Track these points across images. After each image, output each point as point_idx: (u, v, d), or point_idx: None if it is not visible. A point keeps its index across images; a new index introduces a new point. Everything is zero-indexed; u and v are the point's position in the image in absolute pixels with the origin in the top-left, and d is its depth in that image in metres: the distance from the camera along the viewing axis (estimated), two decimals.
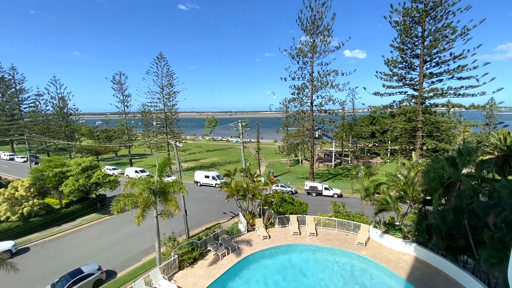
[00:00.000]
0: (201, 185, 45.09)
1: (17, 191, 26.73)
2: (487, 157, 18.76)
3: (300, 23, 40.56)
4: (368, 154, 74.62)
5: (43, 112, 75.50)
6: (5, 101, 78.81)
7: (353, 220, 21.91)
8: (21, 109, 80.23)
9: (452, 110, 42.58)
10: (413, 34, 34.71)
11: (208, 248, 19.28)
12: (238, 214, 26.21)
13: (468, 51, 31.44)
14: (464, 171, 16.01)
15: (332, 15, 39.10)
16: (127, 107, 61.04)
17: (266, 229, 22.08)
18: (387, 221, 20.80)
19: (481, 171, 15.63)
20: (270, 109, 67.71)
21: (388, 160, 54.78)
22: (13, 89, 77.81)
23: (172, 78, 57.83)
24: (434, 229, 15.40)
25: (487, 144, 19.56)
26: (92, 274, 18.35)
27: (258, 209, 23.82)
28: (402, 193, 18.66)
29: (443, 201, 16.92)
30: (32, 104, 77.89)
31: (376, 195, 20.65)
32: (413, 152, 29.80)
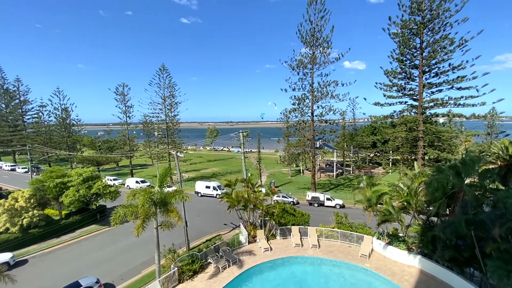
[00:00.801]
0: (201, 196, 44.79)
1: (17, 202, 26.61)
2: (490, 166, 18.60)
3: (300, 35, 41.36)
4: (370, 164, 74.20)
5: (46, 123, 76.20)
6: (9, 112, 79.75)
7: (356, 232, 21.59)
8: (24, 120, 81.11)
9: (453, 120, 42.68)
10: (411, 46, 35.22)
11: (209, 260, 18.96)
12: (239, 225, 25.89)
13: (467, 61, 31.79)
14: (467, 181, 15.85)
15: (331, 28, 39.91)
16: (129, 118, 61.61)
17: (267, 240, 21.76)
18: (391, 233, 20.47)
19: (484, 180, 15.47)
20: (262, 118, 68.47)
21: (390, 170, 54.44)
22: (17, 100, 78.97)
23: (174, 89, 58.54)
24: (438, 240, 15.11)
25: (489, 154, 19.41)
26: (90, 287, 17.98)
27: (259, 220, 23.54)
28: (405, 203, 18.45)
29: (447, 211, 16.69)
30: (36, 115, 78.74)
31: (378, 205, 20.41)
32: (415, 162, 29.67)
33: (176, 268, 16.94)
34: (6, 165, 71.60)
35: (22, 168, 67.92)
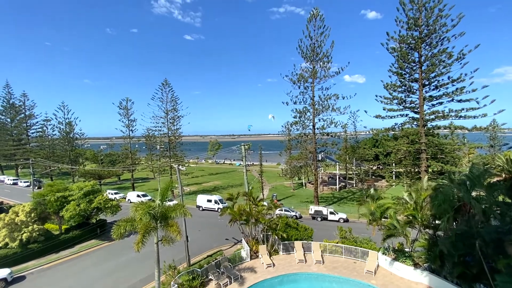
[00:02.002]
0: (203, 210, 44.29)
1: (18, 216, 26.42)
2: (495, 179, 18.37)
3: (300, 50, 42.33)
4: (373, 177, 73.55)
5: (49, 136, 76.90)
6: (14, 126, 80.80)
7: (361, 247, 21.08)
8: (29, 134, 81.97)
9: (455, 132, 42.59)
10: (410, 60, 35.78)
11: (210, 277, 18.51)
12: (241, 240, 25.41)
13: (466, 74, 32.12)
14: (474, 194, 15.60)
15: (330, 43, 40.92)
16: (132, 132, 62.10)
17: (270, 256, 21.27)
18: (396, 247, 19.98)
19: (491, 194, 15.22)
20: (249, 130, 68.97)
21: (394, 183, 53.86)
22: (22, 115, 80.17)
23: (177, 103, 59.39)
24: (446, 256, 14.70)
25: (494, 166, 19.22)
26: None
27: (261, 235, 23.13)
28: (411, 217, 18.11)
29: (454, 225, 16.33)
30: (40, 129, 79.61)
31: (383, 219, 20.05)
32: (422, 175, 29.36)
33: (176, 285, 16.52)
34: (8, 179, 71.70)
35: (24, 182, 67.98)
